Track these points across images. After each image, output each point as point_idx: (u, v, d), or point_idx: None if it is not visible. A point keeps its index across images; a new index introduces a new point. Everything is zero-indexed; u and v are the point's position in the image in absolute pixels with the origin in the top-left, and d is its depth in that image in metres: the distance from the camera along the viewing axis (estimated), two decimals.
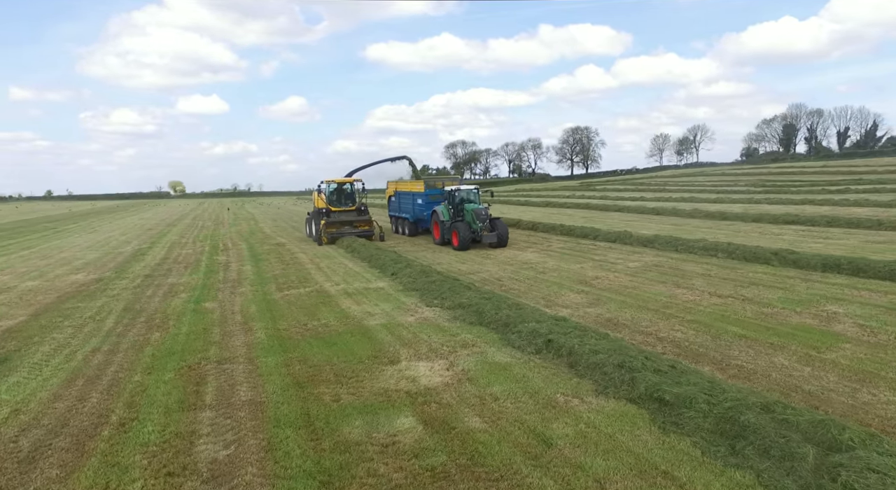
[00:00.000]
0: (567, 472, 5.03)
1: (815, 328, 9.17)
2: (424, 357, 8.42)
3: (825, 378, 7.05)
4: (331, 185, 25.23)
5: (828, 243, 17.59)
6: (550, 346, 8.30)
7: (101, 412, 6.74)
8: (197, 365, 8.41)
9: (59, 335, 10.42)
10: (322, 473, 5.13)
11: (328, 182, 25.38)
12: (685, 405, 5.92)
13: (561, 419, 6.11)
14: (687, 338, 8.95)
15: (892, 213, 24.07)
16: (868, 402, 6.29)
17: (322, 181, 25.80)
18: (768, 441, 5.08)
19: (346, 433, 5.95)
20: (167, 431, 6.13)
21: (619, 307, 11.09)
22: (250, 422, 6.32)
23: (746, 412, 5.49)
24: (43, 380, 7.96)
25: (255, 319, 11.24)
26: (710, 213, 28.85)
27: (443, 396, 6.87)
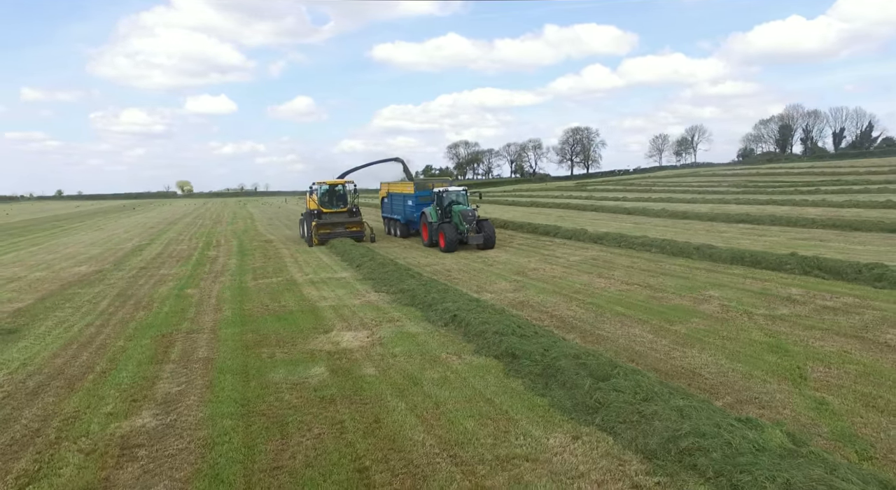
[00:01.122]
0: (418, 399, 6.93)
1: (684, 308, 11.01)
2: (353, 328, 10.35)
3: (658, 343, 8.90)
4: (322, 186, 25.32)
5: (755, 239, 19.35)
6: (455, 319, 10.19)
7: (88, 365, 8.71)
8: (169, 334, 10.38)
9: (59, 314, 12.44)
10: (242, 399, 7.07)
11: (320, 183, 25.46)
12: (527, 357, 7.80)
13: (435, 369, 8.00)
14: (574, 315, 10.82)
15: (835, 213, 25.76)
16: (674, 357, 8.14)
17: (314, 182, 25.86)
18: (566, 378, 6.96)
19: (270, 377, 7.88)
20: (137, 376, 8.09)
21: (537, 292, 12.97)
22: (201, 371, 8.27)
23: (562, 360, 7.37)
24: (45, 345, 9.95)
25: (227, 302, 13.21)
26: (675, 212, 30.61)
27: (354, 354, 8.79)
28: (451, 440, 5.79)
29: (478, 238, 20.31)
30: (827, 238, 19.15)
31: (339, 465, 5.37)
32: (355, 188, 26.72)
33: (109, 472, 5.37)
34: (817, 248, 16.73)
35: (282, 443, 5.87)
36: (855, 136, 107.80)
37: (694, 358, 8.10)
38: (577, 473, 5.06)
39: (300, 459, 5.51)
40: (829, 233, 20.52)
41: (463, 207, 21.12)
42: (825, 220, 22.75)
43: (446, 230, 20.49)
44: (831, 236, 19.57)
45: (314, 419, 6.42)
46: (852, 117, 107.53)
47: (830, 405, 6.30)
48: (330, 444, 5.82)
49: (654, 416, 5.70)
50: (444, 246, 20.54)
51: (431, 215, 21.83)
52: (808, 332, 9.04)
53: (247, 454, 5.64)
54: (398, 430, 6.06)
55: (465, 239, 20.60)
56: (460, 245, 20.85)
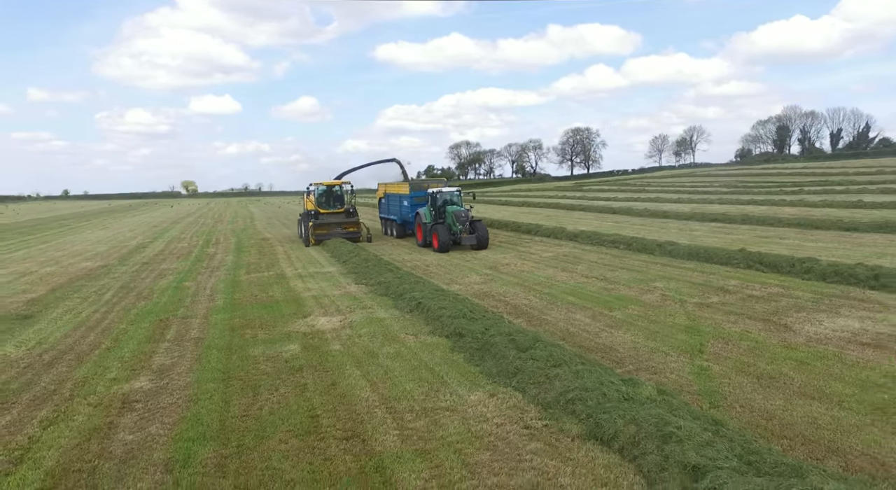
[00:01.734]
0: (372, 368, 8.23)
1: (628, 297, 12.26)
2: (329, 314, 11.66)
3: (592, 325, 10.17)
4: (320, 187, 25.61)
5: (721, 237, 20.55)
6: (419, 306, 11.48)
7: (95, 343, 10.05)
8: (166, 319, 11.72)
9: (69, 303, 13.80)
10: (224, 369, 8.38)
11: (317, 184, 25.74)
12: (470, 336, 9.08)
13: (392, 345, 9.30)
14: (528, 303, 12.10)
15: (807, 212, 26.89)
16: (600, 337, 9.41)
17: (311, 183, 26.12)
18: (497, 350, 8.24)
19: (250, 352, 9.20)
20: (136, 352, 9.42)
21: (501, 285, 14.25)
22: (191, 348, 9.60)
23: (496, 337, 8.66)
24: (57, 327, 11.30)
25: (220, 293, 14.55)
26: (657, 211, 31.82)
27: (325, 335, 10.10)
28: (390, 397, 7.09)
29: (471, 238, 20.51)
30: (787, 236, 20.35)
31: (297, 413, 6.68)
32: (352, 189, 27.03)
33: (113, 418, 6.70)
34: (770, 244, 17.95)
35: (253, 399, 7.18)
36: (852, 136, 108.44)
37: (617, 337, 9.37)
38: (484, 418, 6.34)
39: (266, 410, 6.82)
40: (791, 231, 21.71)
41: (456, 208, 21.33)
42: (792, 219, 23.93)
43: (439, 231, 20.64)
44: (792, 234, 20.76)
45: (282, 383, 7.73)
46: (849, 118, 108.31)
47: (709, 370, 7.57)
48: (292, 400, 7.12)
49: (556, 378, 6.98)
50: (437, 246, 20.66)
51: (425, 216, 21.97)
52: (725, 316, 10.30)
53: (223, 406, 6.96)
54: (349, 390, 7.36)
55: (458, 239, 20.72)
56: (454, 245, 20.99)
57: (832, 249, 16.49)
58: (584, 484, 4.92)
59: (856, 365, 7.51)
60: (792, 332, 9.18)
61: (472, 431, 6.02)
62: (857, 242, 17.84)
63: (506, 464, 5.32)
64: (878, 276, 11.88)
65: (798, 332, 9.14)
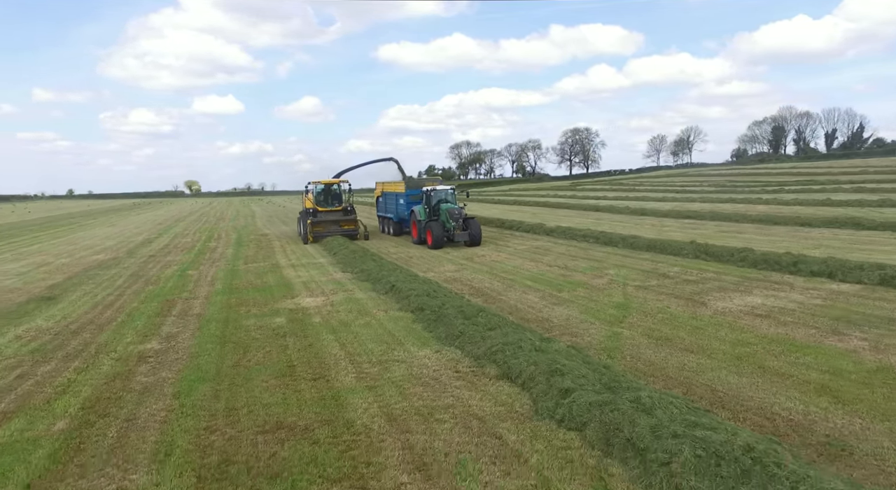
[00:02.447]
0: (343, 334, 9.87)
1: (580, 282, 13.87)
2: (314, 295, 13.33)
3: (538, 303, 11.79)
4: (318, 186, 26.38)
5: (686, 232, 22.10)
6: (393, 289, 13.12)
7: (112, 318, 11.73)
8: (172, 300, 13.39)
9: (85, 287, 15.50)
10: (221, 335, 10.05)
11: (316, 183, 26.53)
12: (429, 309, 10.72)
13: (364, 318, 10.95)
14: (490, 287, 13.73)
15: (776, 210, 28.45)
16: (542, 312, 11.03)
17: (309, 182, 26.84)
18: (448, 320, 9.87)
19: (243, 323, 10.86)
20: (147, 324, 11.09)
21: (472, 272, 15.88)
22: (194, 321, 11.27)
23: (449, 309, 10.30)
24: (77, 306, 12.99)
25: (220, 279, 16.23)
26: (637, 209, 33.42)
27: (309, 311, 11.76)
28: (354, 353, 8.74)
29: (464, 235, 21.15)
30: (746, 231, 21.94)
31: (277, 364, 8.33)
32: (350, 188, 27.65)
33: (131, 367, 8.36)
34: (726, 238, 19.53)
35: (243, 355, 8.84)
36: (847, 137, 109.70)
37: (555, 311, 11.00)
38: (425, 367, 7.98)
39: (253, 362, 8.47)
40: (752, 227, 23.31)
41: (450, 206, 21.87)
42: (756, 216, 25.51)
43: (434, 228, 21.16)
44: (752, 229, 22.35)
45: (268, 344, 9.39)
46: (844, 118, 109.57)
47: (620, 334, 9.19)
48: (275, 355, 8.78)
49: (488, 338, 8.60)
50: (431, 243, 21.19)
51: (420, 213, 22.51)
52: (655, 296, 11.91)
53: (219, 360, 8.62)
54: (322, 349, 9.01)
55: (451, 236, 21.27)
56: (447, 242, 21.51)
57: (777, 242, 18.07)
58: (487, 404, 6.56)
59: (739, 330, 9.13)
60: (704, 306, 10.79)
61: (414, 374, 7.66)
62: (803, 236, 19.43)
63: (433, 393, 6.96)
64: (797, 263, 13.49)
65: (709, 306, 10.75)
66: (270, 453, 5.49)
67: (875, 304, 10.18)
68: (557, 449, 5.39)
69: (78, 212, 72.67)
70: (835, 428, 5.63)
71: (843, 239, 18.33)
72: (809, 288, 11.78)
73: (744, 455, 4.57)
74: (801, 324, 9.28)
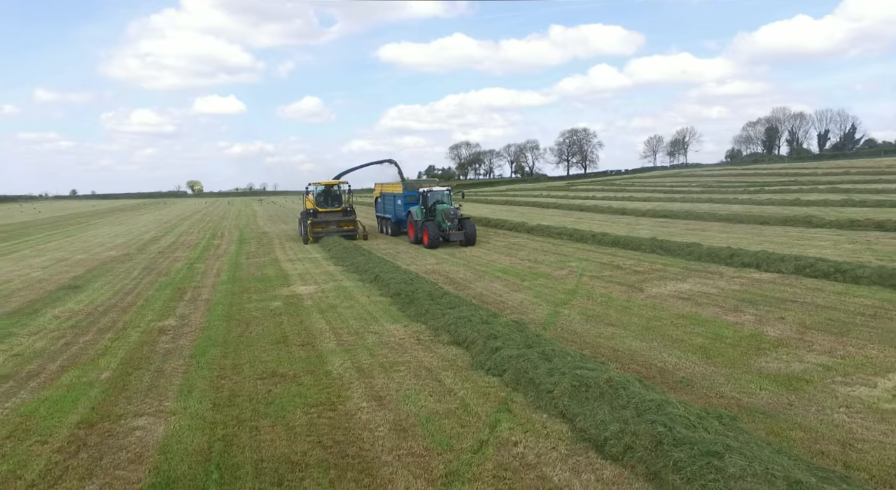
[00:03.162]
0: (330, 314, 11.72)
1: (543, 273, 15.70)
2: (307, 284, 15.19)
3: (500, 290, 13.63)
4: (318, 187, 27.23)
5: (656, 230, 23.87)
6: (377, 279, 14.96)
7: (132, 302, 13.59)
8: (183, 288, 15.26)
9: (105, 278, 17.38)
10: (227, 314, 11.91)
11: (316, 184, 27.41)
12: (404, 293, 12.56)
13: (349, 302, 12.80)
14: (463, 277, 15.57)
15: (745, 209, 30.22)
16: (501, 296, 12.87)
17: (310, 183, 27.77)
18: (418, 301, 11.71)
19: (245, 306, 12.72)
20: (164, 306, 12.95)
21: (450, 266, 17.72)
22: (203, 304, 13.13)
23: (420, 293, 12.15)
24: (101, 293, 14.86)
25: (224, 271, 18.10)
26: (616, 209, 35.25)
27: (301, 296, 13.62)
28: (337, 327, 10.59)
29: (459, 235, 21.73)
30: (709, 229, 23.75)
31: (274, 334, 10.19)
32: (349, 189, 28.48)
33: (154, 337, 10.23)
34: (687, 235, 21.34)
35: (245, 328, 10.69)
36: (839, 137, 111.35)
37: (513, 296, 12.84)
38: (393, 336, 9.81)
39: (254, 334, 10.33)
40: (717, 225, 25.12)
41: (446, 206, 22.57)
42: (724, 216, 27.30)
43: (430, 228, 21.78)
44: (715, 227, 24.15)
45: (266, 321, 11.25)
46: (836, 119, 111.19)
47: (560, 313, 11.03)
48: (271, 329, 10.63)
49: (447, 314, 10.44)
50: (427, 243, 21.85)
51: (417, 214, 23.15)
52: (604, 284, 13.74)
53: (225, 332, 10.47)
54: (311, 324, 10.86)
55: (447, 236, 21.80)
56: (443, 242, 22.12)
57: (730, 238, 19.89)
58: (435, 360, 8.39)
59: (659, 309, 10.96)
60: (640, 292, 12.61)
61: (383, 342, 9.51)
62: (756, 233, 21.26)
63: (396, 354, 8.80)
64: (733, 256, 15.31)
65: (644, 292, 12.58)
66: (267, 390, 7.35)
67: (779, 289, 12.02)
68: (480, 387, 7.23)
69: (84, 212, 74.67)
70: (691, 373, 7.47)
71: (790, 235, 20.14)
72: (735, 277, 13.61)
73: (604, 384, 6.40)
74: (712, 304, 11.12)
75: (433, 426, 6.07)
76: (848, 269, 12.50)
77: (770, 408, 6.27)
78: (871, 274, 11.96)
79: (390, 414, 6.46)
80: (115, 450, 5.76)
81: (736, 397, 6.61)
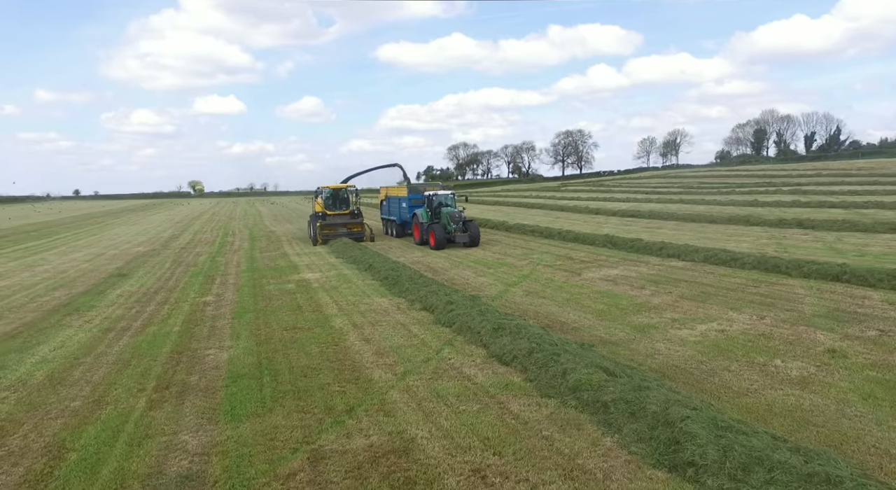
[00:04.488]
0: (333, 292, 15.12)
1: (508, 263, 19.06)
2: (314, 272, 18.59)
3: (469, 275, 17.00)
4: (327, 190, 28.43)
5: (619, 228, 27.27)
6: (371, 268, 18.34)
7: (174, 285, 16.99)
8: (212, 275, 18.67)
9: (144, 268, 20.79)
10: (252, 293, 15.31)
11: (324, 188, 28.69)
12: (390, 278, 15.95)
13: (347, 284, 16.18)
14: (441, 266, 18.95)
15: (705, 210, 33.57)
16: (468, 280, 16.25)
17: (319, 187, 29.14)
18: (402, 282, 15.11)
19: (266, 287, 16.11)
20: (201, 288, 16.35)
21: (432, 258, 21.10)
22: (232, 286, 16.53)
23: (403, 277, 15.55)
24: (146, 280, 18.27)
25: (243, 263, 21.51)
26: (592, 209, 38.64)
27: (309, 281, 17.02)
28: (338, 300, 13.98)
29: (464, 237, 22.90)
30: (664, 227, 27.14)
31: (290, 306, 13.58)
32: (357, 192, 29.47)
33: (201, 307, 13.63)
34: (641, 232, 24.70)
35: (268, 302, 14.08)
36: (825, 139, 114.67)
37: (477, 279, 16.22)
38: (379, 305, 13.20)
39: (276, 305, 13.72)
40: (672, 223, 28.52)
41: (451, 209, 23.71)
42: (682, 215, 30.68)
43: (436, 230, 22.78)
44: (670, 226, 27.55)
45: (284, 297, 14.64)
46: (822, 122, 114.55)
47: (509, 291, 14.41)
48: (288, 302, 14.02)
49: (421, 290, 13.81)
50: (433, 244, 22.87)
51: (422, 216, 24.16)
52: (553, 270, 17.11)
53: (254, 304, 13.86)
54: (318, 299, 14.25)
55: (452, 238, 22.98)
56: (449, 243, 23.31)
57: (675, 235, 23.26)
58: (408, 320, 11.75)
59: (585, 288, 14.33)
60: (578, 276, 15.99)
61: (372, 309, 12.90)
62: (699, 230, 24.66)
63: (380, 316, 12.16)
64: (662, 249, 18.71)
65: (582, 276, 15.96)
66: (290, 336, 10.75)
67: (683, 273, 15.42)
68: (436, 333, 10.60)
69: (98, 212, 78.14)
70: (582, 324, 10.85)
71: (725, 233, 23.53)
72: (657, 264, 17.01)
73: (514, 327, 9.75)
74: (626, 284, 14.50)
75: (400, 352, 9.46)
76: (739, 258, 15.89)
77: (619, 341, 9.67)
78: (753, 261, 15.36)
79: (373, 347, 9.86)
80: (201, 362, 9.18)
81: (602, 337, 9.99)
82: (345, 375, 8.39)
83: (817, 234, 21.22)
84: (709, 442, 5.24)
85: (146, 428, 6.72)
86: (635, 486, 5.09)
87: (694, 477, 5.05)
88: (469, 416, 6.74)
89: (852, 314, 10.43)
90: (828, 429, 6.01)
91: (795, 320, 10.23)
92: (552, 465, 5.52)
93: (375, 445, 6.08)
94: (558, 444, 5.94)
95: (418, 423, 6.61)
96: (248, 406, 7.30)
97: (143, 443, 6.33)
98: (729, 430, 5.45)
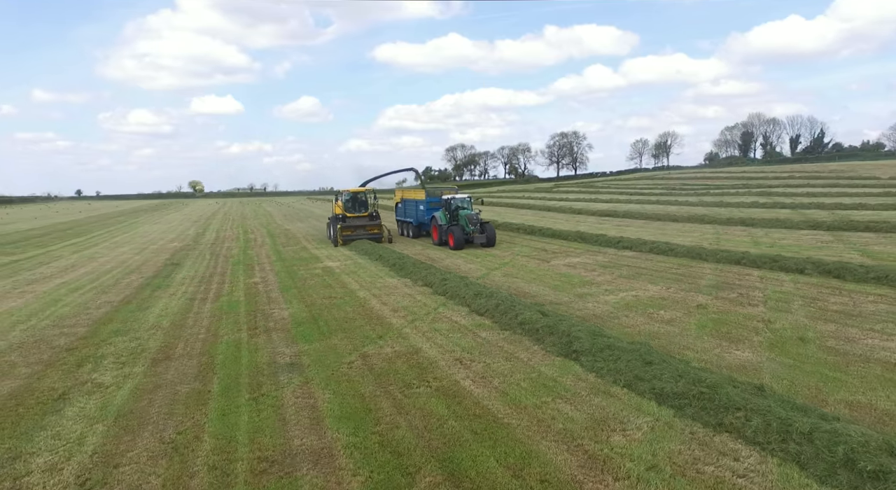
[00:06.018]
0: (355, 276, 19.18)
1: (494, 255, 23.16)
2: (334, 261, 22.68)
3: (461, 263, 21.07)
4: (346, 193, 29.87)
5: (594, 226, 31.37)
6: (380, 258, 22.42)
7: (223, 271, 21.04)
8: (251, 265, 22.75)
9: (189, 260, 24.85)
10: (289, 276, 19.38)
11: (344, 191, 30.28)
12: (398, 264, 20.04)
13: (363, 270, 20.25)
14: (438, 257, 23.04)
15: (676, 209, 37.67)
16: (459, 266, 20.35)
17: (338, 190, 31.07)
18: (406, 266, 19.20)
19: (299, 273, 20.18)
20: (246, 273, 20.41)
21: (432, 251, 25.16)
22: (271, 272, 20.60)
23: (407, 262, 19.65)
24: (197, 269, 22.31)
25: (273, 255, 25.59)
26: (576, 209, 42.75)
27: (332, 268, 21.10)
28: (358, 280, 18.06)
29: (481, 238, 24.48)
30: (632, 225, 31.26)
31: (321, 285, 17.65)
32: (375, 195, 31.10)
33: (252, 285, 17.69)
34: (611, 229, 28.82)
35: (303, 283, 18.14)
36: (809, 142, 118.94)
37: (467, 266, 20.32)
38: (390, 284, 17.28)
39: (309, 285, 17.78)
40: (640, 222, 32.65)
41: (468, 212, 25.35)
42: (651, 215, 34.79)
43: (455, 231, 24.36)
44: (637, 224, 31.66)
45: (315, 279, 18.71)
46: (806, 125, 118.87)
47: (490, 274, 18.50)
48: (319, 282, 18.09)
49: (422, 272, 17.90)
50: (453, 245, 24.53)
51: (441, 219, 25.78)
52: (528, 259, 21.20)
53: (293, 284, 17.91)
54: (342, 280, 18.33)
55: (470, 238, 24.55)
56: (467, 244, 24.87)
57: (637, 231, 27.36)
58: (412, 291, 15.83)
59: (550, 271, 18.42)
60: (547, 263, 20.09)
61: (386, 285, 16.97)
62: (659, 227, 28.78)
63: (391, 290, 16.22)
64: (619, 242, 22.83)
65: (550, 263, 20.05)
66: (329, 302, 14.81)
67: (629, 260, 19.53)
68: (433, 299, 14.67)
69: (112, 212, 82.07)
70: (540, 293, 14.92)
71: (681, 229, 27.64)
72: (611, 254, 21.12)
73: (489, 293, 13.86)
74: (582, 268, 18.60)
75: (409, 309, 13.54)
76: (675, 249, 20.02)
77: (562, 302, 13.75)
78: (684, 251, 19.48)
79: (389, 307, 13.94)
80: (271, 317, 13.27)
81: (552, 300, 14.07)
82: (373, 322, 12.49)
83: (752, 231, 25.35)
84: (587, 340, 9.36)
85: (255, 346, 10.81)
86: (545, 363, 9.18)
87: (576, 358, 9.16)
88: (454, 339, 10.84)
89: (731, 285, 14.56)
90: (665, 340, 10.13)
91: (689, 289, 14.37)
92: (501, 356, 9.62)
93: (398, 351, 10.18)
94: (506, 348, 10.04)
95: (423, 341, 10.72)
96: (314, 336, 11.41)
97: (257, 352, 10.42)
98: (600, 336, 9.57)
